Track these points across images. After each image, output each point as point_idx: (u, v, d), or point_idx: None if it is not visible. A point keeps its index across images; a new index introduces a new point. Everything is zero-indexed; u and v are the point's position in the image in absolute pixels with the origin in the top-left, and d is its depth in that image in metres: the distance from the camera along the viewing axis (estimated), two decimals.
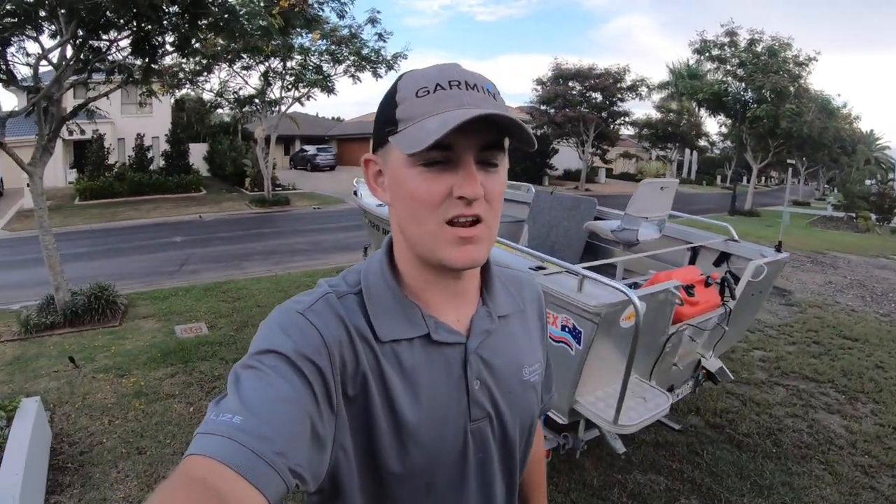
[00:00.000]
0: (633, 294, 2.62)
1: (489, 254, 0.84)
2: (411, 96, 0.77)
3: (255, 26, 6.38)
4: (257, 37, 7.20)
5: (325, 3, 16.52)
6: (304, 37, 17.25)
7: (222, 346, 5.91)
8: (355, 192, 6.10)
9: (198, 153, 28.80)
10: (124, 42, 6.80)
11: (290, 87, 20.00)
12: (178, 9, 6.25)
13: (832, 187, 38.10)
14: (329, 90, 19.71)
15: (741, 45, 24.17)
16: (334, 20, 17.93)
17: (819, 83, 61.48)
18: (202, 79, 18.87)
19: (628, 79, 31.71)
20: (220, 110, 23.90)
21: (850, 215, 24.17)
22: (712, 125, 47.77)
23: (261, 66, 19.16)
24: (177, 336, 6.26)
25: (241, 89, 20.54)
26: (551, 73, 32.87)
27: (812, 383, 5.38)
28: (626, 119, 35.20)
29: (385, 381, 0.80)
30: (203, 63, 16.66)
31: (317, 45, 18.55)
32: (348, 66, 19.46)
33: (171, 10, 6.26)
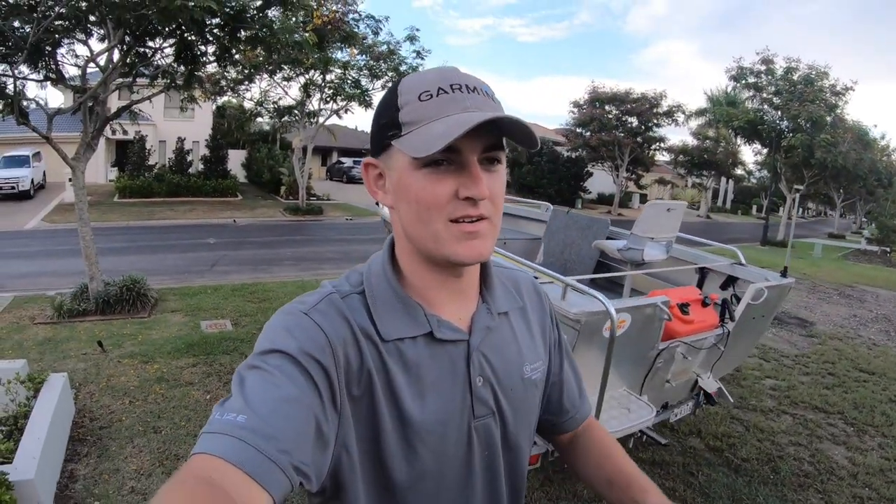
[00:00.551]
0: (609, 304, 2.72)
1: (492, 250, 0.85)
2: (414, 100, 0.78)
3: (291, 41, 6.63)
4: (295, 50, 7.46)
5: (361, 21, 16.89)
6: (343, 51, 17.63)
7: (244, 342, 6.12)
8: (378, 203, 6.26)
9: (236, 159, 29.32)
10: (168, 49, 7.14)
11: (328, 99, 20.36)
12: (219, 21, 6.55)
13: (870, 221, 37.28)
14: (367, 104, 19.96)
15: (777, 73, 23.98)
16: (370, 37, 18.31)
17: (856, 113, 60.31)
18: (243, 87, 19.35)
19: (665, 104, 31.64)
20: (259, 119, 24.39)
21: (883, 249, 23.69)
22: (748, 154, 47.19)
23: (301, 77, 19.57)
24: (202, 330, 6.50)
25: (280, 99, 21.07)
26: (588, 96, 32.92)
27: (821, 414, 5.35)
28: (662, 145, 35.01)
29: (390, 380, 0.81)
30: (245, 73, 17.10)
31: (355, 60, 18.91)
32: (386, 81, 19.77)
33: (213, 21, 6.56)
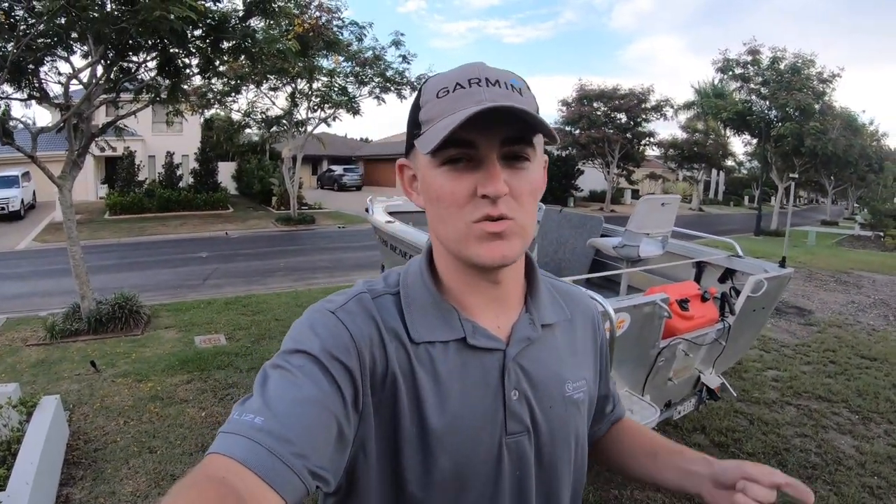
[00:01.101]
0: (607, 304, 2.66)
1: (523, 252, 0.82)
2: (433, 98, 0.77)
3: (274, 49, 6.58)
4: (278, 59, 7.40)
5: (345, 27, 16.86)
6: (327, 59, 17.61)
7: (239, 356, 6.04)
8: (367, 210, 6.22)
9: (226, 172, 29.36)
10: (151, 63, 7.08)
11: (315, 108, 20.34)
12: (201, 32, 6.49)
13: (861, 206, 37.42)
14: (354, 111, 19.99)
15: (764, 63, 24.03)
16: (355, 43, 18.29)
17: (844, 100, 60.60)
18: (230, 99, 19.29)
19: (653, 99, 31.77)
20: (248, 130, 24.33)
21: (877, 234, 23.71)
22: (738, 145, 47.36)
23: (287, 87, 19.54)
24: (195, 346, 6.42)
25: (268, 110, 21.02)
26: (576, 94, 33.03)
27: (825, 403, 5.31)
28: (651, 140, 35.09)
29: (416, 385, 0.79)
30: (231, 84, 17.05)
31: (341, 67, 18.88)
32: (373, 87, 19.76)
33: (195, 33, 6.49)
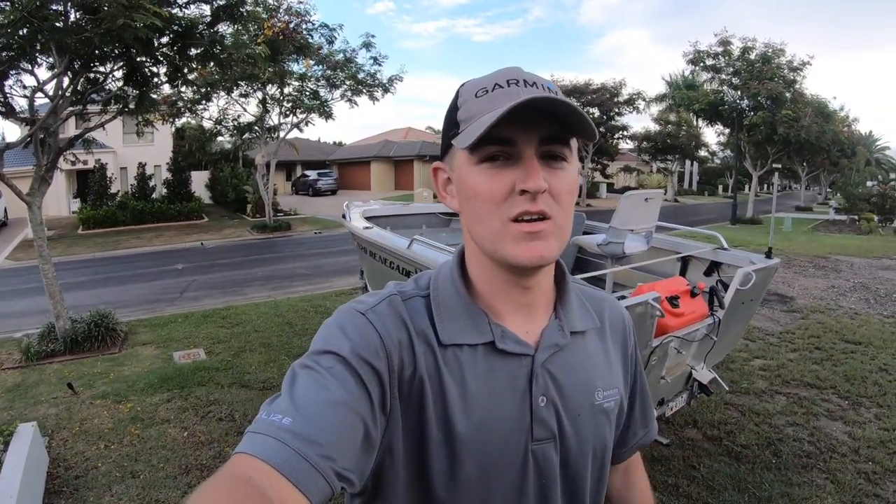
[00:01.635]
0: None
1: (560, 253, 0.81)
2: (471, 98, 0.78)
3: (243, 55, 6.44)
4: (248, 65, 7.26)
5: (315, 30, 16.69)
6: (298, 63, 17.45)
7: (219, 371, 5.90)
8: (344, 216, 6.11)
9: (199, 181, 28.98)
10: (119, 73, 6.88)
11: (287, 113, 20.16)
12: (167, 40, 6.33)
13: (834, 191, 37.97)
14: (327, 115, 19.87)
15: (735, 54, 24.22)
16: (325, 47, 18.13)
17: (815, 87, 61.52)
18: (201, 107, 19.09)
19: (625, 93, 31.91)
20: (220, 138, 24.05)
21: (852, 218, 24.00)
22: (711, 135, 47.81)
23: (258, 93, 19.33)
24: (175, 362, 6.26)
25: (239, 116, 20.77)
26: None
27: (814, 390, 5.31)
28: (625, 133, 35.37)
29: (443, 388, 0.78)
30: (201, 92, 16.83)
31: (312, 71, 18.73)
32: (345, 90, 19.63)
33: (162, 41, 6.33)
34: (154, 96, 7.63)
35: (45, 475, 3.92)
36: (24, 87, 6.92)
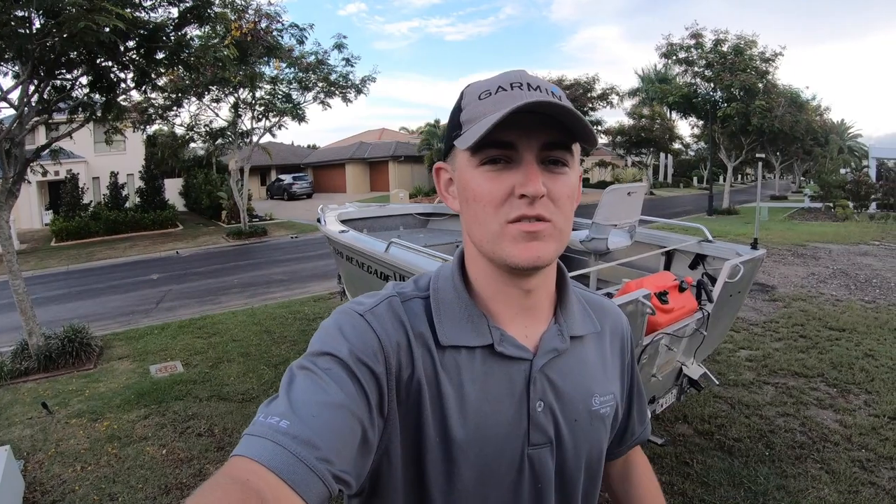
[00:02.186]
0: None
1: (557, 256, 0.80)
2: (474, 100, 0.78)
3: (210, 57, 6.27)
4: (217, 68, 7.08)
5: (285, 31, 16.44)
6: (269, 65, 17.23)
7: (196, 384, 5.74)
8: (319, 220, 5.97)
9: (173, 188, 28.68)
10: (85, 79, 6.67)
11: (260, 117, 19.90)
12: (133, 44, 6.14)
13: (808, 179, 38.45)
14: (300, 118, 19.66)
15: (707, 47, 24.35)
16: (297, 48, 17.89)
17: (787, 77, 62.41)
18: (172, 113, 18.74)
19: (598, 88, 32.01)
20: (192, 144, 23.70)
21: (827, 205, 24.24)
22: (685, 128, 48.24)
23: (230, 97, 19.06)
24: (151, 376, 6.08)
25: (211, 122, 20.42)
26: None
27: (802, 379, 5.30)
28: (599, 128, 35.44)
29: (440, 392, 0.78)
30: (172, 97, 16.55)
31: (284, 74, 18.52)
32: (317, 92, 19.45)
33: (128, 44, 6.14)
34: (124, 103, 7.41)
35: (21, 501, 3.75)
36: None
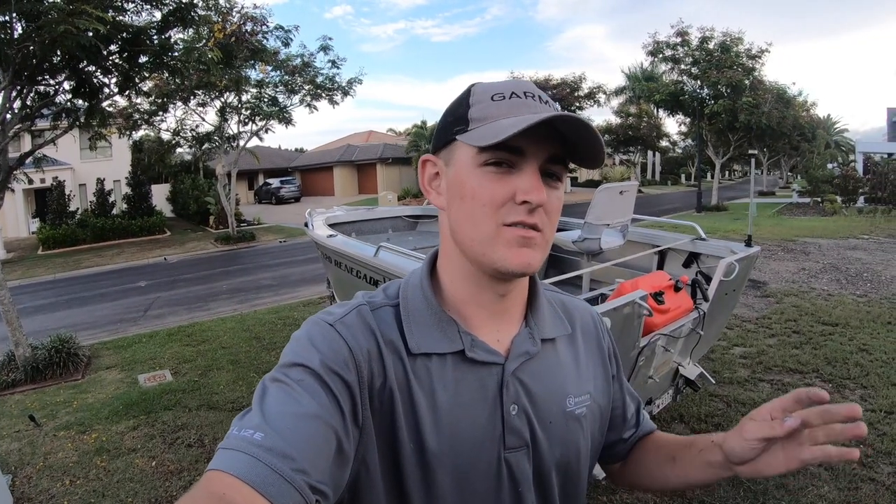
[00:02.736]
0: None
1: (541, 265, 0.80)
2: (486, 99, 0.78)
3: (194, 59, 6.19)
4: (201, 71, 6.99)
5: (270, 33, 16.34)
6: (254, 69, 17.11)
7: (186, 393, 5.65)
8: (306, 225, 5.89)
9: (160, 194, 28.50)
10: (67, 84, 6.57)
11: (246, 121, 19.80)
12: (116, 48, 6.05)
13: (795, 174, 38.69)
14: (286, 121, 19.59)
15: (693, 44, 24.42)
16: (283, 50, 17.80)
17: (773, 74, 62.77)
18: (158, 118, 18.61)
19: (585, 87, 32.04)
20: (179, 149, 23.54)
21: (815, 200, 24.39)
22: (672, 125, 48.42)
23: (216, 102, 18.94)
24: (140, 386, 5.98)
25: (198, 127, 20.31)
26: None
27: (797, 375, 5.27)
28: None
29: (412, 399, 0.78)
30: (158, 102, 16.41)
31: (270, 77, 18.42)
32: (304, 95, 19.37)
33: (110, 48, 6.04)
34: (108, 109, 7.32)
35: None
36: None
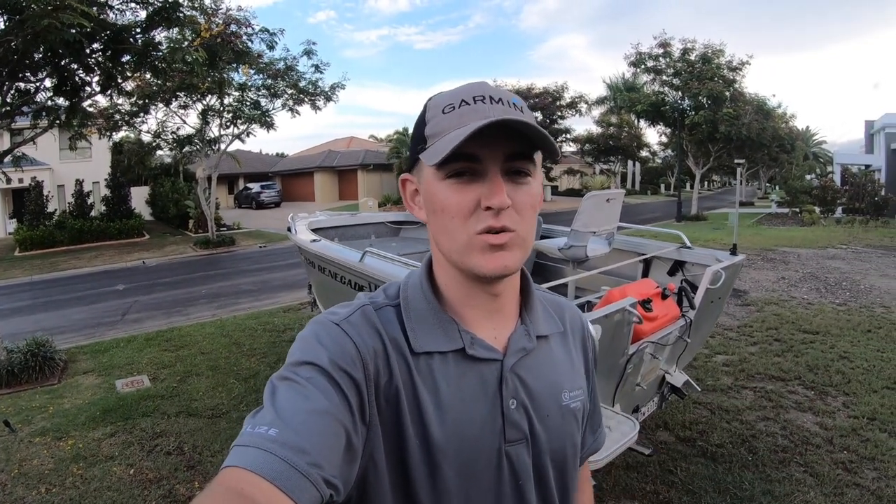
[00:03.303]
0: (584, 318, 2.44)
1: (523, 263, 0.83)
2: (438, 114, 0.80)
3: (179, 59, 6.11)
4: (184, 72, 6.91)
5: (255, 35, 16.20)
6: (237, 72, 16.97)
7: (164, 399, 5.54)
8: (289, 229, 5.83)
9: (139, 197, 28.12)
10: (49, 82, 6.45)
11: (228, 124, 19.62)
12: (99, 46, 5.95)
13: (773, 185, 39.20)
14: (268, 125, 19.45)
15: (675, 55, 24.67)
16: (266, 53, 17.63)
17: (754, 86, 63.69)
18: (139, 120, 18.40)
19: (567, 96, 32.28)
20: (159, 152, 23.27)
21: (794, 210, 24.74)
22: (653, 135, 48.88)
23: (198, 104, 18.77)
24: (117, 391, 5.85)
25: (179, 129, 20.06)
26: None
27: (779, 383, 5.32)
28: (568, 136, 35.76)
29: (417, 396, 0.80)
30: (139, 104, 16.22)
31: (253, 80, 18.29)
32: (286, 99, 19.27)
33: (93, 46, 5.94)
34: (89, 109, 7.20)
35: None
36: None
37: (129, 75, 6.61)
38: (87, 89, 6.51)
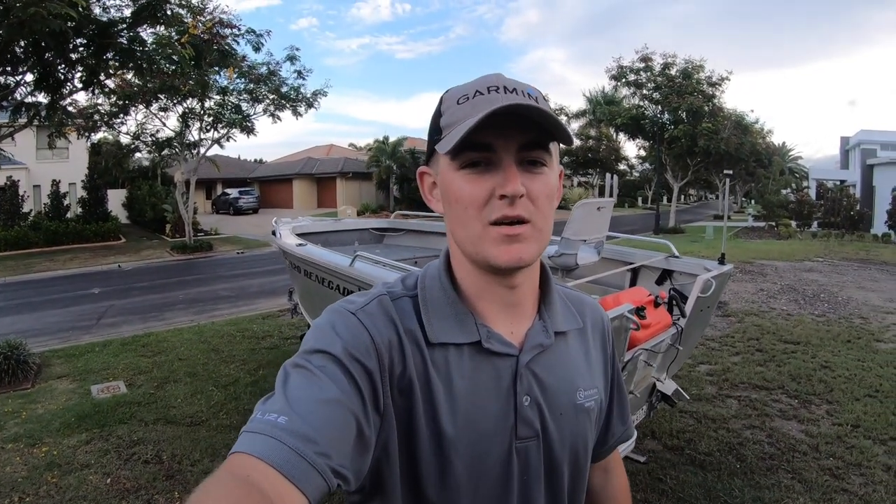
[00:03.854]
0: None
1: (539, 255, 0.82)
2: (453, 105, 0.80)
3: (165, 56, 6.01)
4: (169, 71, 6.80)
5: (241, 37, 16.05)
6: (221, 75, 16.81)
7: (141, 405, 5.39)
8: (274, 233, 5.74)
9: (116, 199, 27.78)
10: (29, 77, 6.31)
11: (208, 128, 19.45)
12: (83, 40, 5.83)
13: (750, 199, 39.78)
14: (249, 130, 19.37)
15: (656, 70, 24.96)
16: (251, 55, 17.50)
17: (732, 101, 64.76)
18: (118, 121, 18.18)
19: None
20: (138, 154, 23.01)
21: (770, 224, 25.12)
22: (631, 149, 49.53)
23: (178, 106, 18.58)
24: (92, 397, 5.70)
25: (158, 132, 19.83)
26: None
27: (763, 391, 5.36)
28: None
29: (430, 388, 0.79)
30: (119, 104, 16.01)
31: (234, 84, 18.16)
32: (268, 104, 19.16)
33: (77, 41, 5.83)
34: (70, 108, 7.06)
35: None
36: None
37: (112, 73, 6.49)
38: (69, 86, 6.39)
